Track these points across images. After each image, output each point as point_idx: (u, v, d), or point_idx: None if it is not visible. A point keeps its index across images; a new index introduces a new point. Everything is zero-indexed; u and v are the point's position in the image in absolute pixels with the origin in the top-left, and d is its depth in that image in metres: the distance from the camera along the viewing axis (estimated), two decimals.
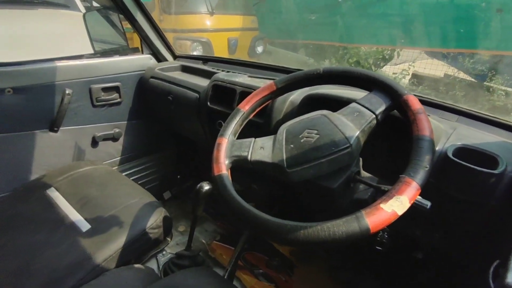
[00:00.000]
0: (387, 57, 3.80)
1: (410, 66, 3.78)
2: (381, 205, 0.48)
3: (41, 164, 1.21)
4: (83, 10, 2.70)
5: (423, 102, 0.90)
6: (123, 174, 1.44)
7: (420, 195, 0.52)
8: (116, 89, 1.36)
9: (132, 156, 1.53)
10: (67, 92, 1.20)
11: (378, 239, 0.79)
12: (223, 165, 0.65)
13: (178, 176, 1.79)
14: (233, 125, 0.73)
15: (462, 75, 3.20)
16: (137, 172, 1.57)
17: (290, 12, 3.82)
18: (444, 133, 0.74)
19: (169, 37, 1.51)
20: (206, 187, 0.94)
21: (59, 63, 1.18)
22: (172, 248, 1.39)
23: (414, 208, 0.52)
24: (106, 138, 1.39)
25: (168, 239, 1.06)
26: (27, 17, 2.08)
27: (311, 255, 1.35)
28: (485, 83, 2.98)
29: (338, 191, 0.61)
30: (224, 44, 3.65)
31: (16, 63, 1.10)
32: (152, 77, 1.36)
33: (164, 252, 1.08)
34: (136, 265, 0.90)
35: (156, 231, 0.99)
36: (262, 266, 1.33)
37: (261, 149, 0.66)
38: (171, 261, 1.04)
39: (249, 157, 0.65)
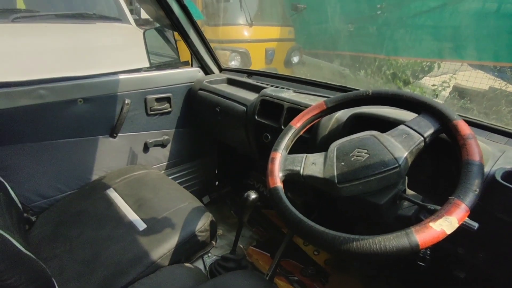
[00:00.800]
0: (426, 68, 3.70)
1: (451, 78, 3.65)
2: (431, 224, 0.51)
3: (102, 166, 1.35)
4: (133, 23, 2.92)
5: (471, 123, 0.92)
6: (169, 177, 1.55)
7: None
8: (167, 99, 1.48)
9: (177, 162, 1.64)
10: (126, 102, 1.33)
11: (421, 254, 0.81)
12: (277, 178, 0.71)
13: (217, 182, 1.88)
14: (286, 141, 0.79)
15: (510, 88, 3.04)
16: (181, 177, 1.68)
17: (327, 23, 3.85)
18: (492, 156, 0.75)
19: None
20: (253, 196, 1.00)
21: (121, 76, 1.31)
22: (214, 250, 1.47)
23: (466, 229, 0.55)
24: (156, 144, 1.51)
25: (213, 242, 1.14)
26: (89, 30, 2.29)
27: (345, 265, 1.37)
28: None
29: (385, 207, 0.65)
30: (262, 54, 3.75)
31: (87, 76, 1.24)
32: (200, 89, 1.46)
33: (209, 254, 1.15)
34: (187, 264, 0.98)
35: (203, 234, 1.07)
36: (297, 274, 1.37)
37: (312, 165, 0.71)
38: (217, 263, 1.11)
39: (301, 172, 0.71)
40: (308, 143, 0.96)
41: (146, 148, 1.49)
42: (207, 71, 1.60)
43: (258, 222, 1.64)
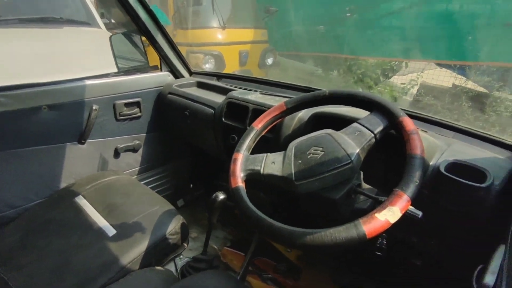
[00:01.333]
0: (395, 67, 3.86)
1: (418, 76, 3.83)
2: (376, 215, 0.56)
3: (70, 173, 1.33)
4: (103, 27, 2.87)
5: (423, 119, 0.98)
6: (141, 182, 1.54)
7: (415, 205, 0.60)
8: (137, 104, 1.47)
9: (150, 166, 1.63)
10: (94, 108, 1.32)
11: (378, 245, 0.86)
12: (239, 178, 0.74)
13: (191, 185, 1.89)
14: (247, 142, 0.82)
15: (470, 85, 3.23)
16: (154, 181, 1.68)
17: (299, 25, 3.93)
18: (439, 149, 0.81)
19: (182, 50, 1.62)
20: (221, 196, 1.02)
21: (88, 82, 1.30)
22: (186, 253, 1.47)
23: (408, 217, 0.59)
24: (127, 150, 1.50)
25: (185, 244, 1.15)
26: (55, 34, 2.23)
27: (317, 260, 1.42)
28: (492, 93, 3.02)
29: (340, 202, 0.69)
30: (236, 56, 3.78)
31: (51, 82, 1.22)
32: (170, 93, 1.47)
33: (181, 256, 1.16)
34: (157, 267, 0.99)
35: (174, 237, 1.08)
36: (270, 271, 1.40)
37: (272, 164, 0.74)
38: (188, 264, 1.12)
39: (261, 171, 0.74)
40: (271, 142, 0.99)
41: (116, 153, 1.47)
42: (176, 75, 1.61)
43: (231, 222, 1.67)
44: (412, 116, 0.98)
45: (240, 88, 1.35)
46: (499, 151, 0.81)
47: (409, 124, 0.68)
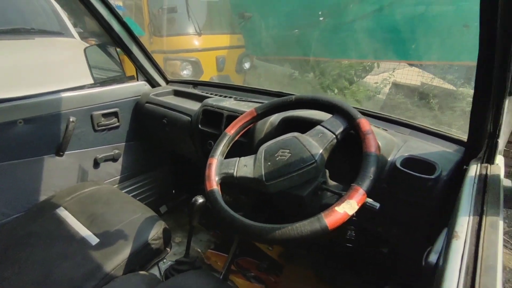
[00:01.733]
0: (367, 68, 4.02)
1: (390, 76, 4.01)
2: (336, 208, 0.62)
3: (49, 186, 1.33)
4: (77, 37, 2.84)
5: (383, 118, 1.07)
6: (123, 191, 1.56)
7: (376, 198, 0.67)
8: (115, 114, 1.50)
9: (131, 175, 1.65)
10: (71, 119, 1.33)
11: (348, 237, 0.93)
12: (213, 182, 0.79)
13: (173, 191, 1.92)
14: (221, 147, 0.88)
15: (436, 82, 3.42)
16: (136, 189, 1.70)
17: (274, 29, 4.03)
18: (396, 146, 0.89)
19: (159, 58, 1.66)
20: (200, 200, 1.07)
21: (64, 94, 1.31)
22: (171, 257, 1.50)
23: (367, 208, 0.67)
24: (106, 159, 1.52)
25: (168, 249, 1.18)
26: (25, 46, 2.20)
27: (297, 257, 1.49)
28: (458, 89, 3.21)
29: (308, 198, 0.76)
30: (213, 62, 3.82)
31: (26, 96, 1.23)
32: (147, 102, 1.50)
33: (164, 260, 1.19)
34: (141, 272, 1.03)
35: (157, 242, 1.12)
36: (253, 270, 1.45)
37: (244, 167, 0.80)
38: (172, 267, 1.16)
39: (235, 174, 0.79)
40: (246, 147, 1.05)
41: (96, 163, 1.49)
42: (153, 84, 1.64)
43: (215, 225, 1.71)
44: (374, 116, 1.07)
45: (216, 95, 1.40)
46: (448, 145, 0.90)
47: (365, 125, 0.75)
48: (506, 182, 0.63)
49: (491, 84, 0.58)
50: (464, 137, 0.88)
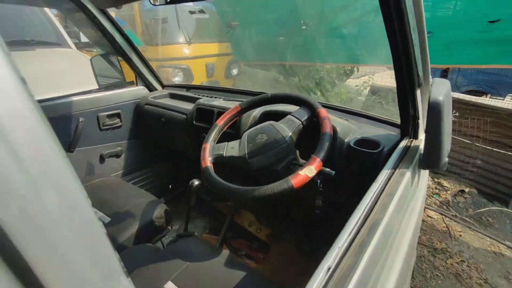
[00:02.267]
0: (348, 72, 4.30)
1: (370, 79, 4.30)
2: (299, 172, 0.84)
3: None
4: (73, 47, 3.03)
5: (345, 111, 1.30)
6: None
7: (337, 171, 0.89)
8: (117, 115, 1.70)
9: (133, 169, 1.85)
10: (80, 120, 1.53)
11: (316, 204, 1.15)
12: (207, 161, 1.00)
13: (170, 186, 2.11)
14: (213, 135, 1.09)
15: None
16: (137, 182, 1.89)
17: (260, 37, 4.28)
18: (352, 130, 1.12)
19: (153, 65, 1.87)
20: (196, 182, 1.27)
21: (75, 98, 1.51)
22: (171, 234, 1.69)
23: (325, 174, 0.88)
24: (111, 155, 1.71)
25: (169, 227, 1.38)
26: (31, 57, 2.39)
27: (282, 237, 1.70)
28: None
29: (282, 171, 0.97)
30: (203, 69, 4.05)
31: (43, 100, 1.42)
32: (146, 104, 1.71)
33: (166, 237, 1.39)
34: (148, 244, 1.22)
35: (160, 220, 1.32)
36: (245, 249, 1.65)
37: (231, 149, 1.02)
38: (172, 240, 1.35)
39: (224, 154, 1.01)
40: (233, 137, 1.26)
41: (102, 159, 1.68)
42: (151, 88, 1.85)
43: (209, 213, 1.91)
44: (340, 110, 1.30)
45: (207, 96, 1.62)
46: (392, 129, 1.13)
47: (323, 113, 0.98)
48: (421, 151, 0.86)
49: (404, 79, 0.82)
50: None
